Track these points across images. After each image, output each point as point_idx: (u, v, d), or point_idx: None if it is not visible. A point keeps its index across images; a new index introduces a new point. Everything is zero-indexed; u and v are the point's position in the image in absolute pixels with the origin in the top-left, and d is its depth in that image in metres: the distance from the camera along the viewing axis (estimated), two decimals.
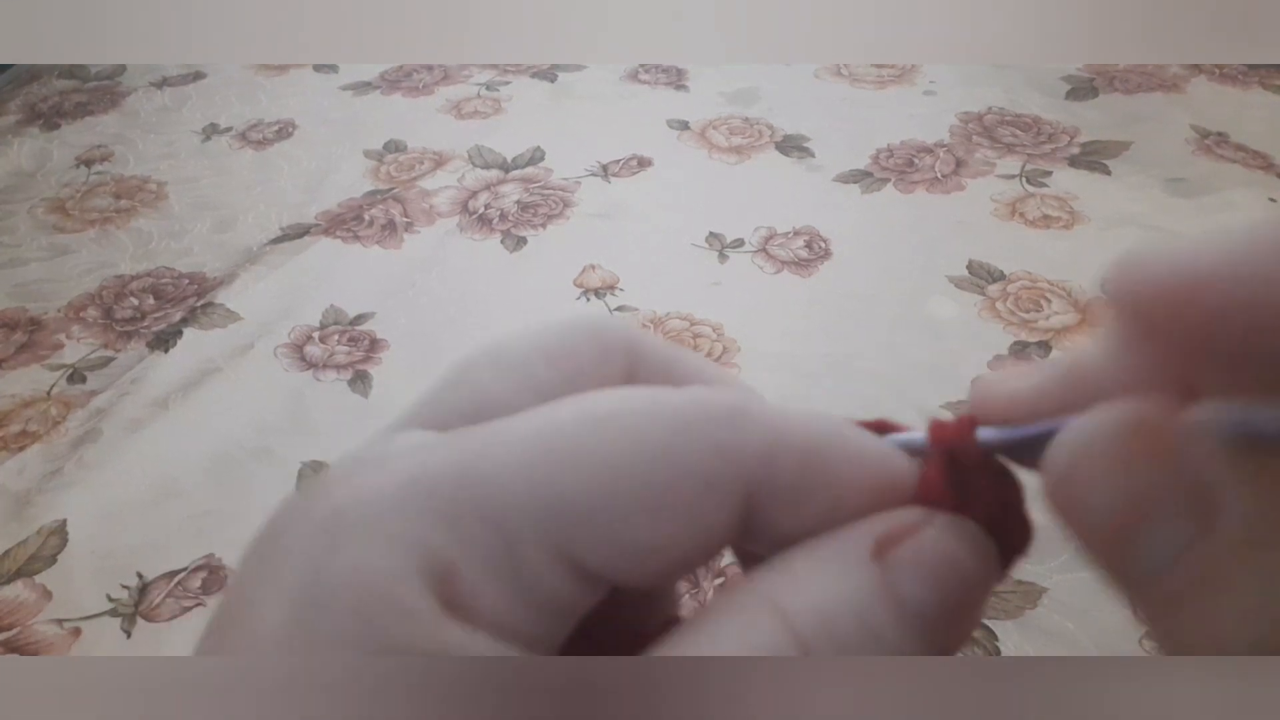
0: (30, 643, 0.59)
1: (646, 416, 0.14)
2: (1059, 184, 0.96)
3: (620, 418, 0.14)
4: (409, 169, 1.04)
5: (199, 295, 0.87)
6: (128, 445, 0.72)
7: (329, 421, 0.73)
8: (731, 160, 1.03)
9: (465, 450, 0.14)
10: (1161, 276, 0.12)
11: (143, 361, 0.80)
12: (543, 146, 1.06)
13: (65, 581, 0.62)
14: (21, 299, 0.88)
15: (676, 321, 0.81)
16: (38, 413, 0.75)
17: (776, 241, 0.90)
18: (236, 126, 1.13)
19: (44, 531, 0.65)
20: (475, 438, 0.14)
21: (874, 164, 1.01)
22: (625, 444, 0.13)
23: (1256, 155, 0.98)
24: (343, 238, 0.94)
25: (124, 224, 0.98)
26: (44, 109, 1.19)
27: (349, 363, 0.79)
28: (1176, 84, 1.12)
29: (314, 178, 1.03)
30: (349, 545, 0.13)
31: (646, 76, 1.20)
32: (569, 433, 0.13)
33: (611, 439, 0.13)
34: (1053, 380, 0.14)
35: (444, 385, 0.17)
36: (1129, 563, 0.12)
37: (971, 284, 0.83)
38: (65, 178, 1.06)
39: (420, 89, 1.20)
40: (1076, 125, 1.05)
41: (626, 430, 0.13)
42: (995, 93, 1.12)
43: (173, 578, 0.62)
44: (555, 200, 0.98)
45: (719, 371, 0.17)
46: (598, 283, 0.86)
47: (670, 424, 0.13)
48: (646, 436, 0.13)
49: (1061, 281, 0.83)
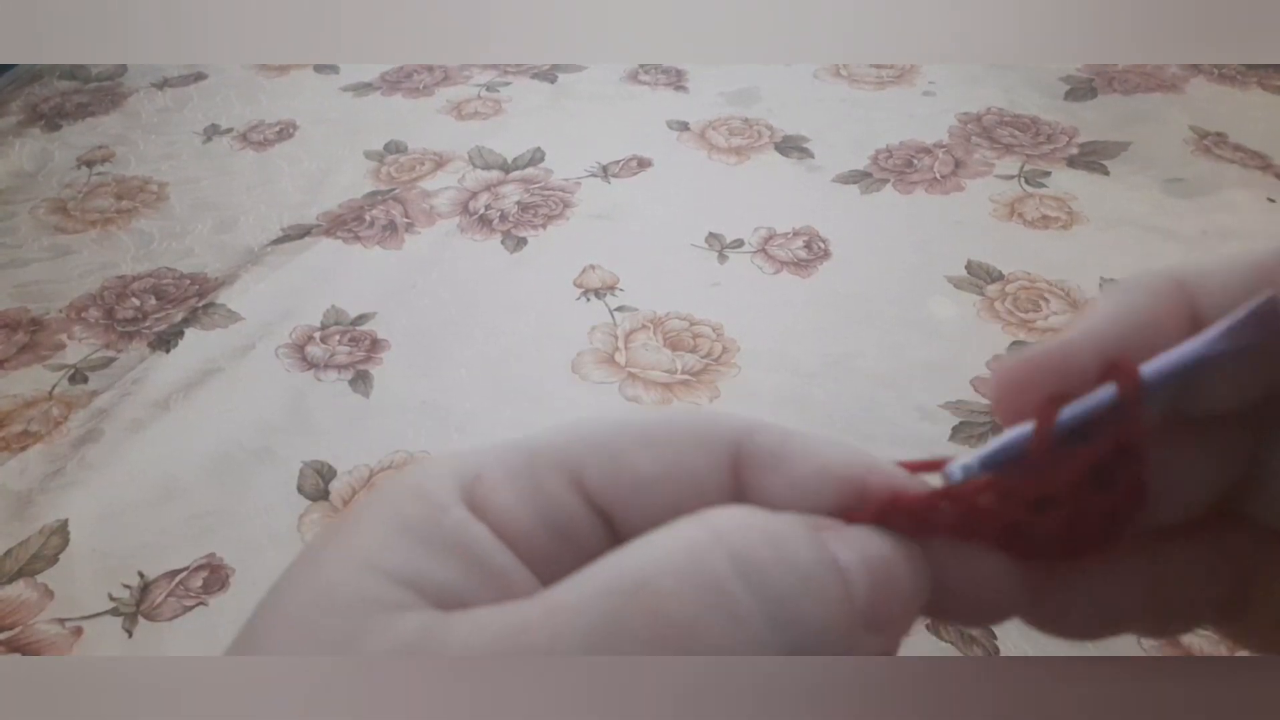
0: (32, 642, 0.59)
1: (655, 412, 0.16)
2: (1058, 184, 0.96)
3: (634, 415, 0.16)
4: (409, 170, 1.04)
5: (200, 296, 0.87)
6: (129, 445, 0.72)
7: (330, 422, 0.73)
8: (731, 161, 1.03)
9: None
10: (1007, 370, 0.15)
11: (144, 362, 0.80)
12: (543, 147, 1.07)
13: (67, 581, 0.62)
14: (23, 299, 0.88)
15: (676, 322, 0.81)
16: (39, 413, 0.75)
17: (776, 242, 0.90)
18: (237, 127, 1.13)
19: (45, 531, 0.65)
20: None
21: (873, 164, 1.01)
22: (631, 412, 0.15)
23: (1255, 155, 0.98)
24: (343, 238, 0.94)
25: (125, 224, 0.98)
26: (45, 110, 1.19)
27: (350, 363, 0.79)
28: (1175, 84, 1.12)
29: (315, 178, 1.03)
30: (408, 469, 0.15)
31: (646, 77, 1.20)
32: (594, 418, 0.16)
33: (622, 413, 0.15)
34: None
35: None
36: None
37: (970, 284, 0.83)
38: (67, 178, 1.06)
39: (421, 90, 1.20)
40: (1075, 125, 1.05)
41: (637, 412, 0.15)
42: (994, 93, 1.12)
43: (174, 577, 0.62)
44: (555, 201, 0.98)
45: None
46: (598, 283, 0.86)
47: (672, 408, 0.15)
48: (650, 412, 0.15)
49: (1060, 281, 0.83)
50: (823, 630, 0.13)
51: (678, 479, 0.15)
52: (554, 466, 0.15)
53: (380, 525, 0.14)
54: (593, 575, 0.13)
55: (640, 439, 0.15)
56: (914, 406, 0.71)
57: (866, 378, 0.75)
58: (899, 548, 0.14)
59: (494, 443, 0.16)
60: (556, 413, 0.71)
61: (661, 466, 0.15)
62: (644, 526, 0.14)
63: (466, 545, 0.14)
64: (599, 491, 0.15)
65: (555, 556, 0.15)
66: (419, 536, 0.14)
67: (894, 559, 0.14)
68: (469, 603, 0.13)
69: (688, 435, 0.15)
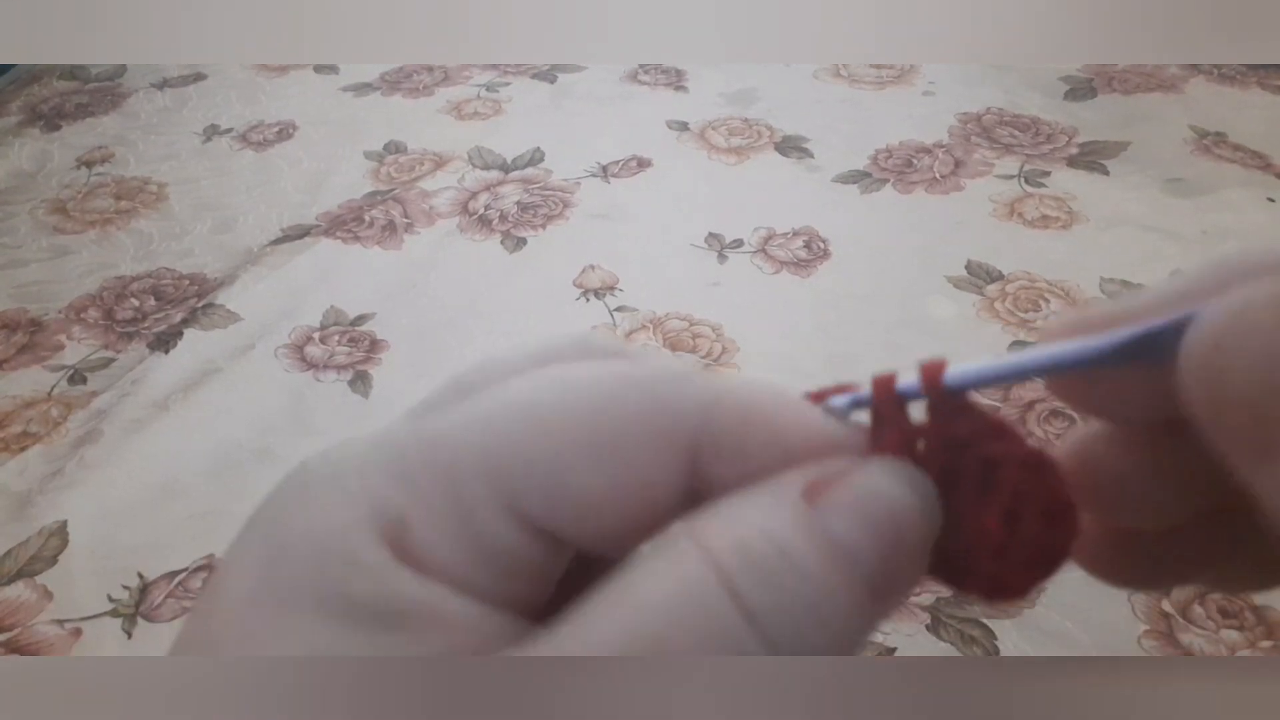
0: (31, 643, 0.59)
1: (594, 379, 0.14)
2: (1057, 184, 0.96)
3: (570, 381, 0.14)
4: (409, 170, 1.04)
5: (200, 296, 0.87)
6: (128, 446, 0.72)
7: (329, 422, 0.73)
8: (731, 161, 1.03)
9: (426, 418, 0.14)
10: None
11: (143, 362, 0.80)
12: (543, 147, 1.07)
13: (66, 582, 0.62)
14: (22, 300, 0.88)
15: (676, 322, 0.81)
16: (39, 414, 0.75)
17: (776, 242, 0.90)
18: (237, 127, 1.13)
19: (45, 532, 0.65)
20: (440, 411, 0.14)
21: (873, 164, 1.01)
22: (569, 399, 0.14)
23: (1255, 155, 0.98)
24: (343, 238, 0.94)
25: (124, 225, 0.98)
26: (45, 110, 1.19)
27: (349, 363, 0.79)
28: (1175, 84, 1.12)
29: (314, 179, 1.03)
30: (308, 502, 0.13)
31: (646, 77, 1.20)
32: (520, 397, 0.14)
33: (557, 397, 0.14)
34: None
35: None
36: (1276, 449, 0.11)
37: (970, 284, 0.83)
38: (66, 179, 1.06)
39: (420, 90, 1.20)
40: (1075, 125, 1.05)
41: (572, 388, 0.14)
42: (994, 93, 1.12)
43: (173, 578, 0.62)
44: (555, 201, 0.98)
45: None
46: (597, 283, 0.86)
47: (614, 383, 0.14)
48: (591, 394, 0.14)
49: (1060, 281, 0.83)
50: (833, 636, 0.12)
51: (628, 492, 0.13)
52: (484, 495, 0.13)
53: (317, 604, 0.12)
54: (593, 630, 0.12)
55: (581, 451, 0.13)
56: (913, 406, 0.71)
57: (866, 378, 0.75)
58: (901, 480, 0.13)
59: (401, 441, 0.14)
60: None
61: (608, 481, 0.13)
62: (596, 541, 0.14)
63: (418, 611, 0.12)
64: (539, 516, 0.13)
65: (498, 583, 0.13)
66: (368, 614, 0.12)
67: (896, 500, 0.13)
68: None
69: (635, 437, 0.13)
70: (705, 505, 0.14)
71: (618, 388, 0.14)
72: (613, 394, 0.14)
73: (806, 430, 0.14)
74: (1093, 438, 0.15)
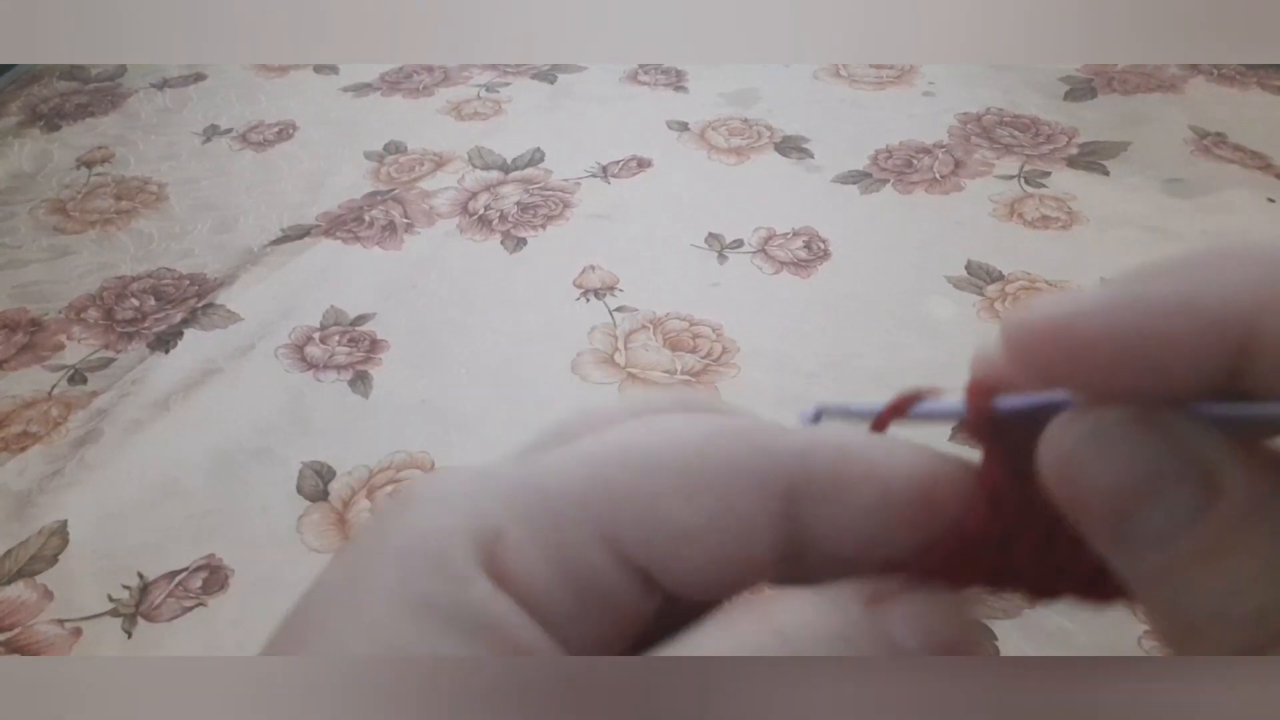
0: (31, 643, 0.59)
1: (693, 425, 0.14)
2: (1057, 184, 0.96)
3: (670, 426, 0.14)
4: (409, 170, 1.04)
5: (200, 296, 0.87)
6: (129, 446, 0.72)
7: (329, 422, 0.73)
8: (731, 161, 1.03)
9: (529, 455, 0.15)
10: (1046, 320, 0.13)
11: (143, 362, 0.80)
12: (542, 148, 1.07)
13: (66, 582, 0.62)
14: (22, 300, 0.88)
15: (676, 322, 0.81)
16: (39, 413, 0.75)
17: (776, 242, 0.90)
18: (237, 128, 1.13)
19: (45, 532, 0.65)
20: (542, 452, 0.15)
21: (873, 165, 1.01)
22: (670, 441, 0.14)
23: (1255, 155, 0.98)
24: (343, 239, 0.94)
25: (125, 225, 0.98)
26: (45, 110, 1.19)
27: (349, 363, 0.79)
28: (1175, 84, 1.12)
29: (314, 179, 1.03)
30: (409, 509, 0.14)
31: (646, 77, 1.20)
32: (622, 439, 0.14)
33: (658, 440, 0.14)
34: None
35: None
36: (1130, 537, 0.12)
37: (970, 284, 0.83)
38: (66, 179, 1.06)
39: (420, 90, 1.20)
40: (1075, 126, 1.05)
41: (672, 432, 0.14)
42: (994, 93, 1.12)
43: (173, 578, 0.62)
44: (555, 201, 0.98)
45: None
46: (597, 283, 0.86)
47: (712, 430, 0.14)
48: (690, 437, 0.14)
49: (1060, 282, 0.83)
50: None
51: (724, 528, 0.14)
52: (582, 522, 0.13)
53: (395, 597, 0.13)
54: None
55: (678, 485, 0.14)
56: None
57: (866, 378, 0.75)
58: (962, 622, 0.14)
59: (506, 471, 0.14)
60: (556, 413, 0.71)
61: (705, 516, 0.14)
62: (685, 580, 0.14)
63: (490, 627, 0.13)
64: (635, 550, 0.14)
65: (581, 618, 0.13)
66: (440, 617, 0.12)
67: (954, 640, 0.14)
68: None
69: (732, 475, 0.14)
70: (807, 546, 0.14)
71: (716, 433, 0.14)
72: (711, 438, 0.14)
73: (901, 463, 0.14)
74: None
